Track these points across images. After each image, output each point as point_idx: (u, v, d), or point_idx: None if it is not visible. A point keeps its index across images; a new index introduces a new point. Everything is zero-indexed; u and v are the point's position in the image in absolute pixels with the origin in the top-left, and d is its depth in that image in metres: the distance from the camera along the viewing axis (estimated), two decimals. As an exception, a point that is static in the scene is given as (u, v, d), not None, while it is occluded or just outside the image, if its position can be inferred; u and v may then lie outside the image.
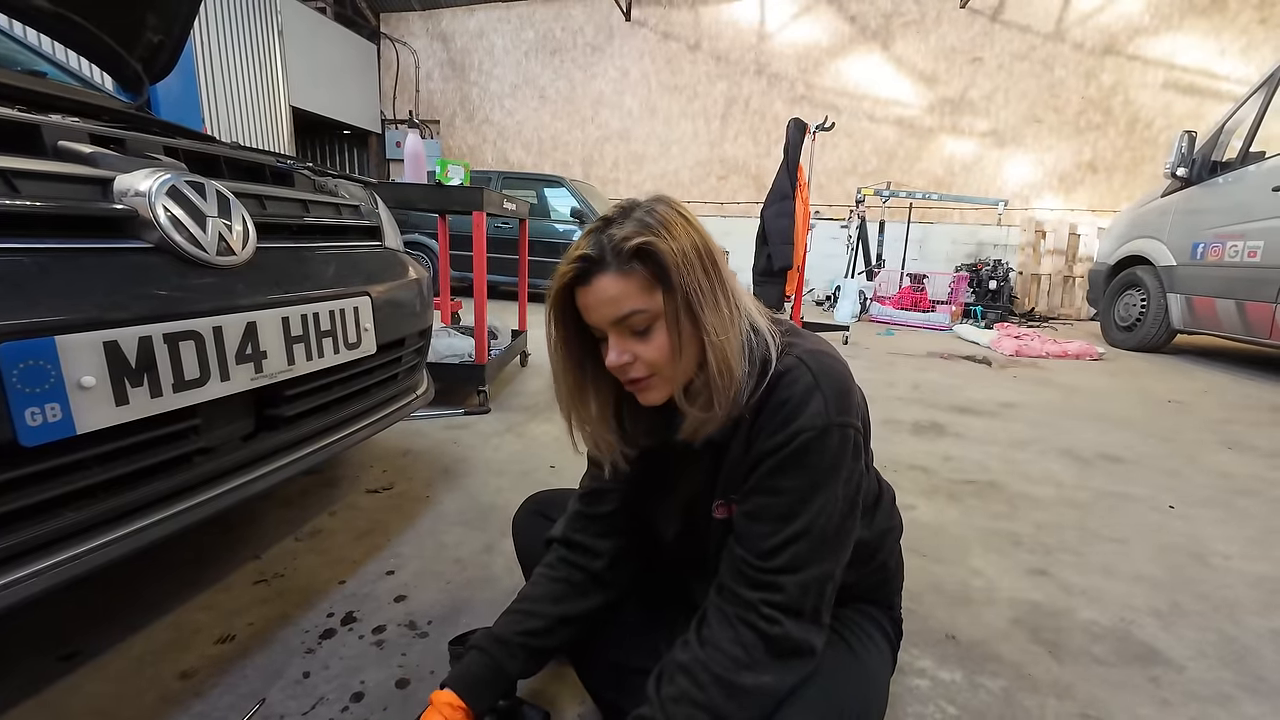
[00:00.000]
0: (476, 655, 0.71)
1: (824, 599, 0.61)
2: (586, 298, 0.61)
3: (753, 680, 0.57)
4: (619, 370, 0.62)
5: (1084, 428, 2.40)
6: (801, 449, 0.59)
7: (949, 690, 0.92)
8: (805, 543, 0.59)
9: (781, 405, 0.60)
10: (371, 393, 1.17)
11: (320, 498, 1.48)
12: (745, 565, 0.60)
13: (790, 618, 0.58)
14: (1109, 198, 6.67)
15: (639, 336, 0.61)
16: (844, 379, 0.62)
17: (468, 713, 0.67)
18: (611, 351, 0.61)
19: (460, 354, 2.32)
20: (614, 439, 0.69)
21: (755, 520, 0.61)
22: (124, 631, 0.97)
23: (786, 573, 0.59)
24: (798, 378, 0.61)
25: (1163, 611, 1.15)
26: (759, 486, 0.61)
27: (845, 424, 0.60)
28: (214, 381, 0.78)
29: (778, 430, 0.60)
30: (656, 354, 0.60)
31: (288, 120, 6.46)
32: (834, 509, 0.60)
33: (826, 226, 6.87)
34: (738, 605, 0.60)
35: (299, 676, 0.89)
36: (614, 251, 0.58)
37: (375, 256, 1.21)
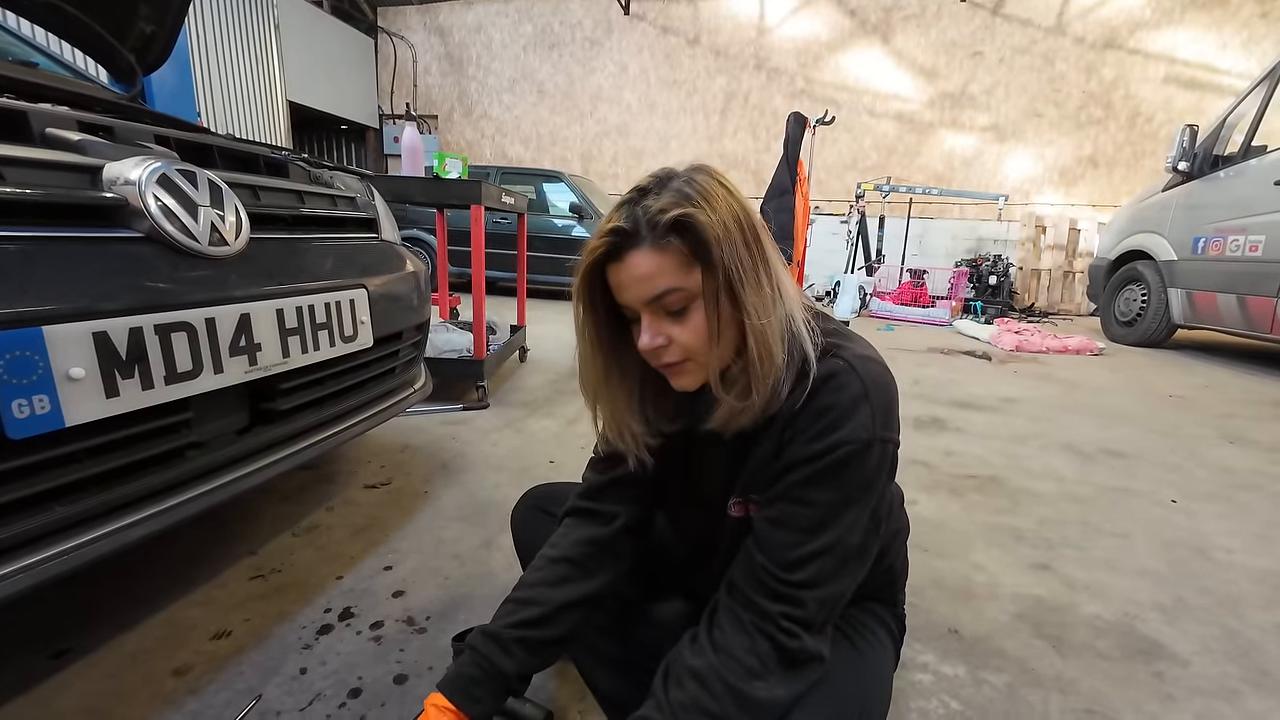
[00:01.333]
0: (468, 655, 0.66)
1: (836, 612, 0.60)
2: (618, 275, 0.57)
3: (766, 693, 0.55)
4: (651, 354, 0.59)
5: (1085, 423, 2.39)
6: (841, 461, 0.55)
7: (952, 685, 0.91)
8: (830, 558, 0.56)
9: (826, 410, 0.56)
10: (368, 387, 1.16)
11: (317, 493, 1.47)
12: (766, 574, 0.57)
13: (807, 631, 0.56)
14: (1109, 192, 6.65)
15: (674, 317, 0.57)
16: (892, 391, 0.58)
17: (461, 716, 0.62)
18: (644, 333, 0.57)
19: (459, 349, 2.31)
20: (639, 427, 0.66)
21: (780, 528, 0.58)
22: (116, 628, 0.96)
23: (809, 587, 0.56)
24: (846, 384, 0.56)
25: (1166, 606, 1.15)
26: (788, 494, 0.58)
27: (888, 439, 0.56)
28: (207, 374, 0.77)
29: (819, 437, 0.55)
30: (693, 337, 0.57)
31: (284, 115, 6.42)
32: (862, 526, 0.57)
33: (826, 222, 6.85)
34: (755, 614, 0.57)
35: (296, 673, 0.88)
36: (649, 224, 0.54)
37: (371, 249, 1.19)
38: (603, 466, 0.76)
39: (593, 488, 0.77)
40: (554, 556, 0.73)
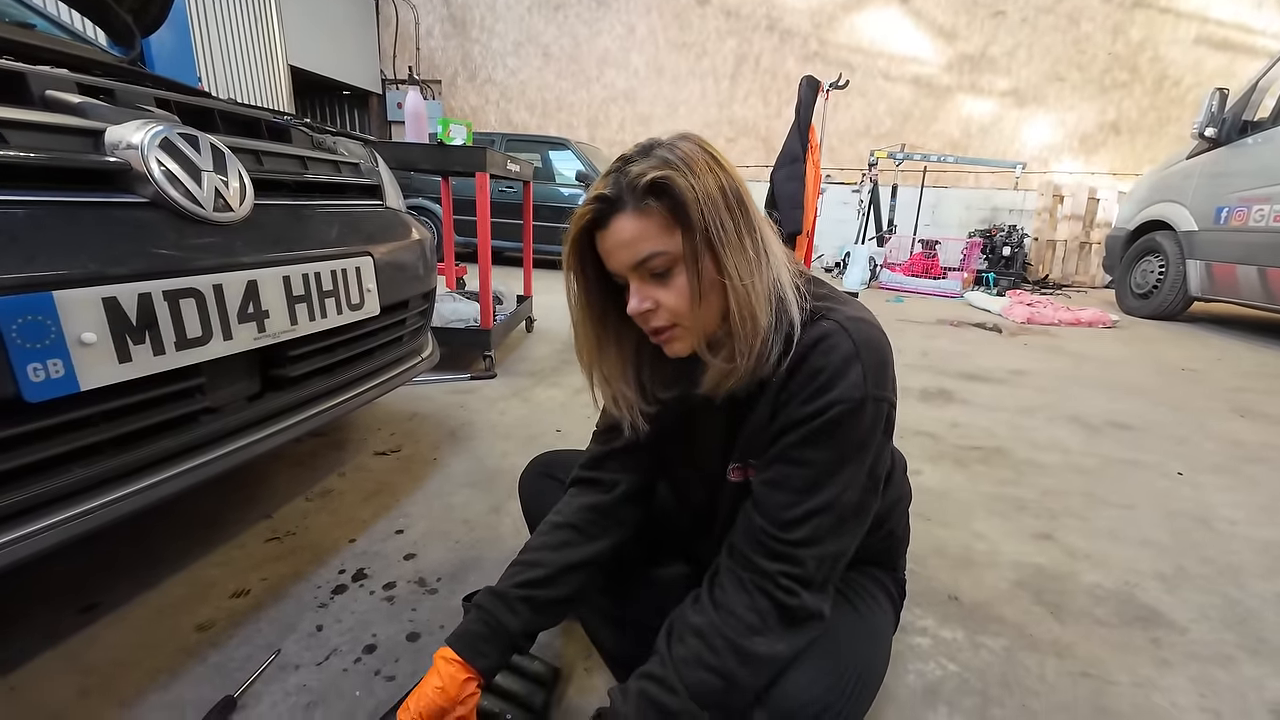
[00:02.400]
0: (475, 612, 0.69)
1: (837, 571, 0.61)
2: (605, 241, 0.58)
3: (766, 648, 0.56)
4: (641, 319, 0.60)
5: (1094, 395, 2.37)
6: (834, 421, 0.56)
7: (950, 648, 0.93)
8: (827, 517, 0.57)
9: (818, 372, 0.57)
10: (376, 355, 1.17)
11: (329, 459, 1.50)
12: (764, 535, 0.59)
13: (806, 589, 0.58)
14: (1131, 160, 6.45)
15: (659, 281, 0.58)
16: (884, 350, 0.59)
17: (468, 669, 0.65)
18: (632, 298, 0.59)
19: (465, 319, 2.31)
20: (633, 394, 0.68)
21: (777, 489, 0.59)
22: (140, 586, 0.99)
23: (806, 545, 0.57)
24: (837, 345, 0.57)
25: (1167, 575, 1.16)
26: (784, 455, 0.59)
27: (881, 398, 0.57)
28: (216, 340, 0.78)
29: (812, 399, 0.57)
30: (678, 300, 0.58)
31: (286, 79, 6.30)
32: (859, 484, 0.58)
33: (837, 191, 6.71)
34: (754, 573, 0.59)
35: (312, 629, 0.91)
36: (629, 189, 0.56)
37: (376, 216, 1.18)
38: (604, 438, 0.78)
39: (594, 458, 0.79)
40: (558, 522, 0.75)
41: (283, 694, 0.79)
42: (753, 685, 0.57)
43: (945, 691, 0.84)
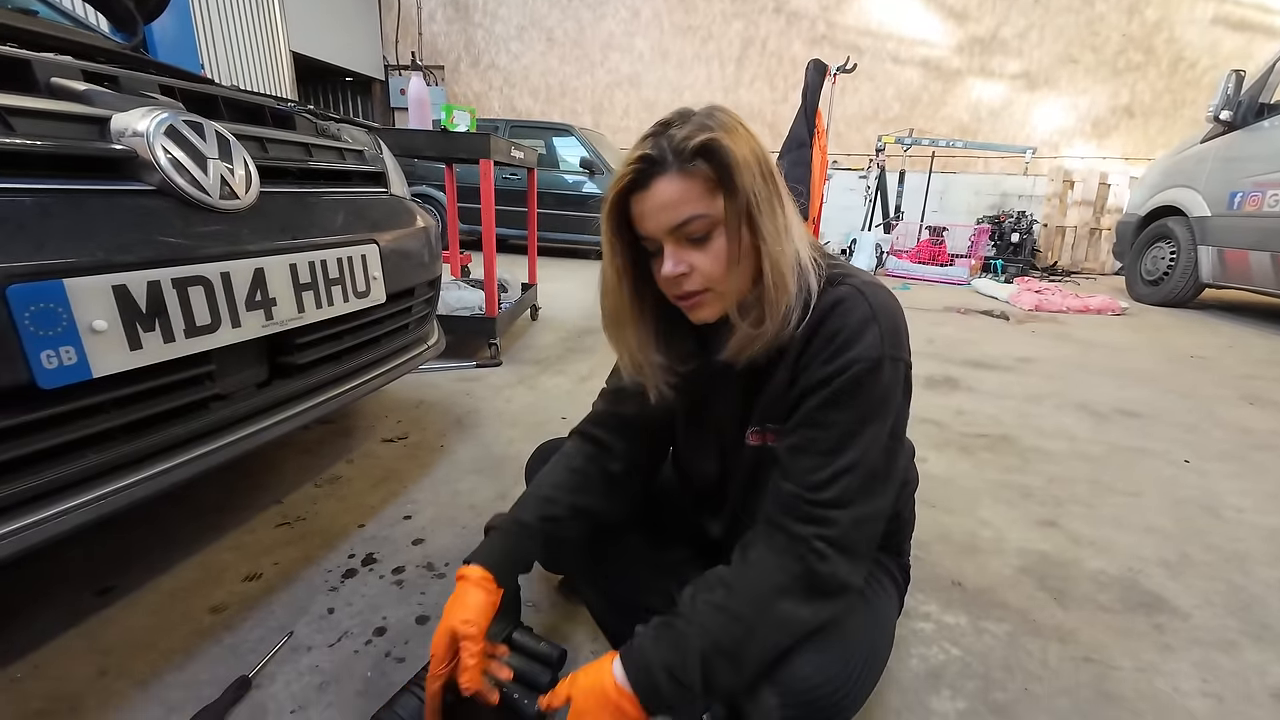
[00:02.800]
0: (499, 536, 0.72)
1: (873, 539, 0.62)
2: (643, 203, 0.58)
3: (790, 609, 0.57)
4: (672, 283, 0.60)
5: (1102, 383, 2.36)
6: (854, 380, 0.57)
7: (953, 633, 0.94)
8: (855, 476, 0.58)
9: (835, 334, 0.59)
10: (382, 342, 1.17)
11: (337, 446, 1.51)
12: (794, 499, 0.59)
13: (840, 554, 0.58)
14: (1144, 145, 6.35)
15: (695, 245, 0.59)
16: (899, 314, 0.61)
17: (495, 591, 0.68)
18: (667, 261, 0.59)
19: (470, 307, 2.31)
20: (660, 359, 0.67)
21: (803, 453, 0.60)
22: (154, 570, 1.01)
23: (838, 507, 0.58)
24: (853, 308, 0.59)
25: (1171, 562, 1.16)
26: (807, 419, 0.60)
27: (898, 358, 0.59)
28: (225, 328, 0.78)
29: (831, 359, 0.58)
30: (714, 264, 0.58)
31: (288, 65, 6.26)
32: (882, 443, 0.60)
33: (844, 177, 6.65)
34: (787, 536, 0.60)
35: (323, 612, 0.93)
36: (675, 151, 0.56)
37: (381, 203, 1.18)
38: (612, 398, 0.80)
39: (599, 415, 0.81)
40: (571, 466, 0.78)
41: (296, 674, 0.81)
42: (769, 642, 0.57)
43: (948, 675, 0.85)
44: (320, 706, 0.76)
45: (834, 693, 0.57)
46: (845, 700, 0.58)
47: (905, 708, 0.79)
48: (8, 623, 0.87)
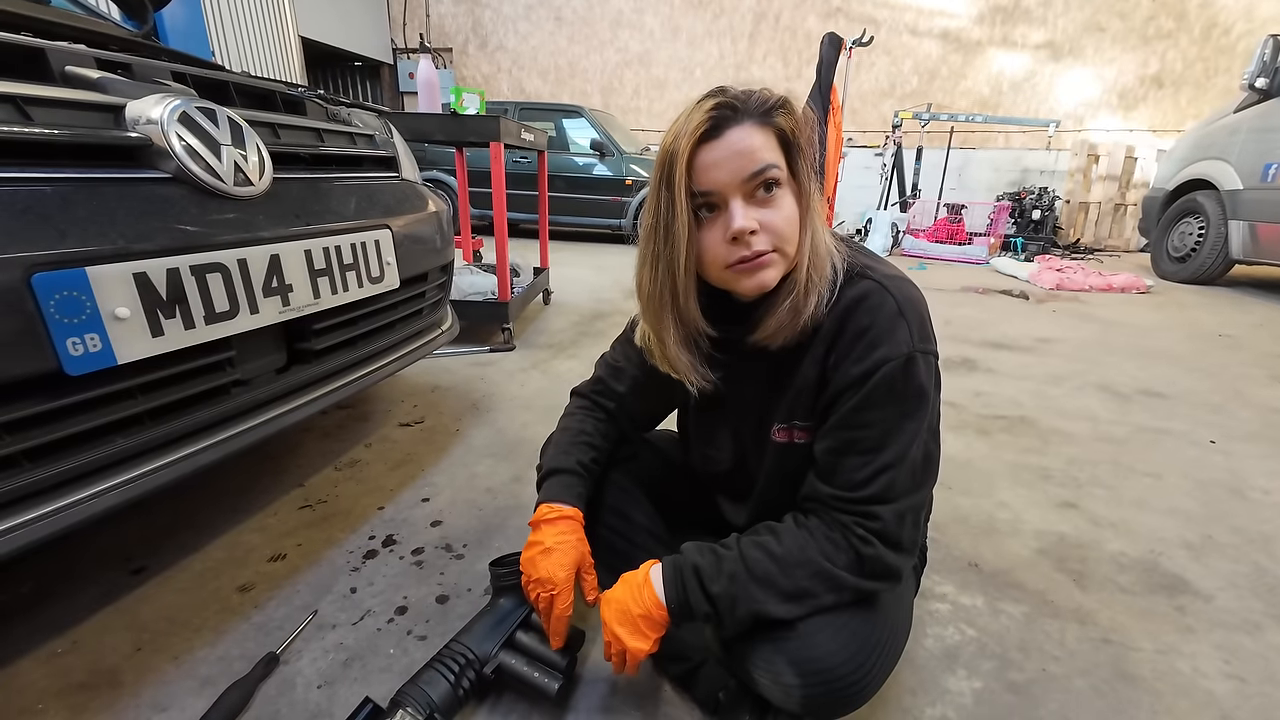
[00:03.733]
0: (577, 479, 0.76)
1: (918, 529, 0.63)
2: (714, 152, 0.56)
3: (830, 568, 0.59)
4: (738, 243, 0.58)
5: (1124, 363, 2.31)
6: (887, 378, 0.58)
7: (969, 614, 0.94)
8: (897, 472, 0.59)
9: (864, 332, 0.59)
10: (397, 328, 1.18)
11: (356, 430, 1.53)
12: (834, 500, 0.61)
13: (884, 543, 0.59)
14: (1174, 116, 6.13)
15: (765, 200, 0.58)
16: (924, 306, 0.62)
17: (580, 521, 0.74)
18: (736, 216, 0.57)
19: (483, 292, 2.32)
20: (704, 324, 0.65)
21: (843, 454, 0.61)
22: (184, 551, 1.04)
23: (880, 502, 0.59)
24: (880, 304, 0.59)
25: (1194, 544, 1.14)
26: (846, 420, 0.60)
27: (928, 351, 0.60)
28: (244, 314, 0.79)
29: (861, 359, 0.59)
30: (783, 222, 0.58)
31: (298, 51, 6.24)
32: (921, 437, 0.60)
33: (859, 155, 6.52)
34: (831, 518, 0.61)
35: (346, 591, 0.95)
36: (758, 102, 0.57)
37: (393, 188, 1.18)
38: (611, 372, 0.84)
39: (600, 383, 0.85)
40: (596, 417, 0.84)
41: (321, 651, 0.83)
42: (802, 585, 0.59)
43: (964, 655, 0.85)
44: (346, 682, 0.78)
45: (853, 672, 0.58)
46: (865, 680, 0.58)
47: (920, 687, 0.80)
48: (49, 601, 0.91)
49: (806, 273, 0.60)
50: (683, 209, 0.58)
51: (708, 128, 0.56)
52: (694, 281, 0.63)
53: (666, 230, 0.60)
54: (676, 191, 0.57)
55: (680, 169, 0.57)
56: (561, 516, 0.73)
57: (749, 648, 0.62)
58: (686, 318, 0.64)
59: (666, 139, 0.58)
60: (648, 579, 0.64)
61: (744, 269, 0.59)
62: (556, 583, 0.68)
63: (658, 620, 0.62)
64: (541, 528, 0.73)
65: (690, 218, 0.59)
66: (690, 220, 0.59)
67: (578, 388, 0.90)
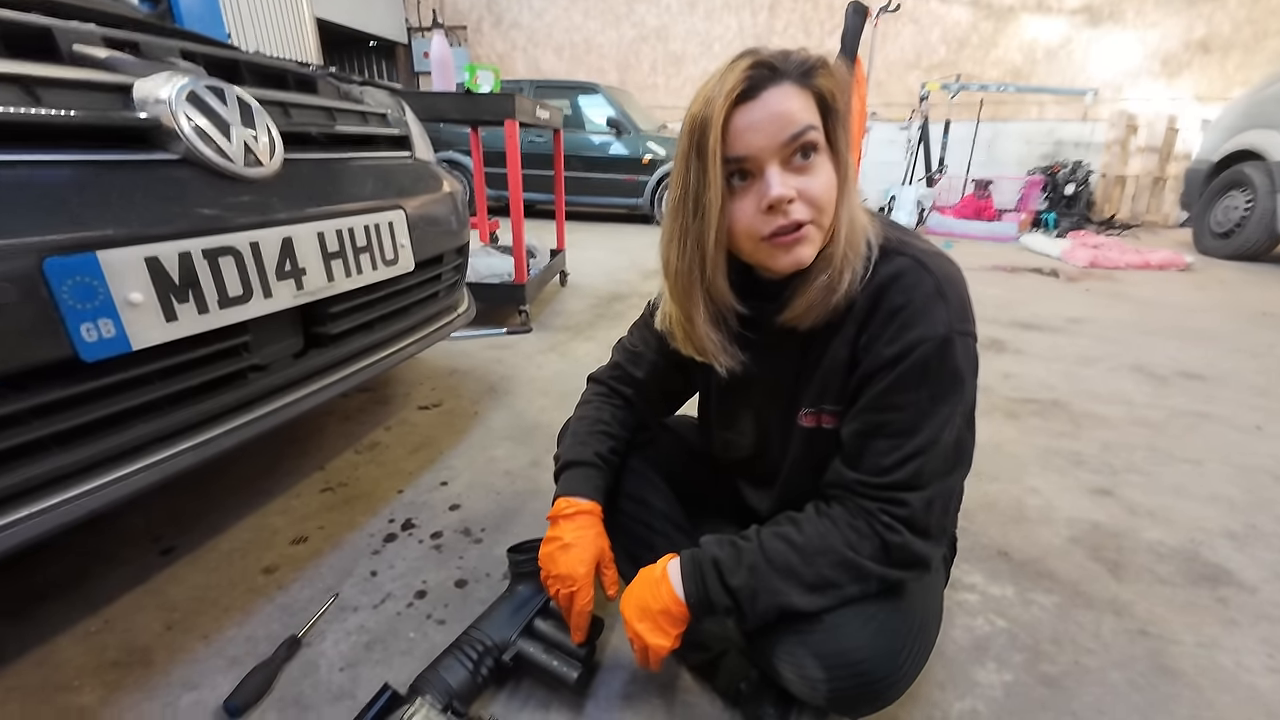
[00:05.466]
0: (592, 471, 0.75)
1: (947, 516, 0.61)
2: (750, 114, 0.53)
3: (855, 558, 0.57)
4: (774, 213, 0.54)
5: (1162, 343, 2.22)
6: (922, 361, 0.55)
7: (999, 604, 0.91)
8: (928, 458, 0.56)
9: (898, 311, 0.56)
10: (413, 311, 1.17)
11: (376, 414, 1.54)
12: (860, 485, 0.58)
13: (911, 531, 0.57)
14: (1220, 83, 5.80)
15: (802, 167, 0.54)
16: (964, 285, 0.58)
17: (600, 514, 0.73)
18: (772, 184, 0.53)
19: (500, 274, 2.30)
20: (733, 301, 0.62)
21: (871, 438, 0.58)
22: (210, 532, 1.05)
23: (908, 489, 0.56)
24: (918, 282, 0.56)
25: (1237, 533, 1.09)
26: (876, 403, 0.58)
27: (966, 332, 0.57)
28: (258, 298, 0.78)
29: (894, 340, 0.56)
30: (822, 190, 0.55)
31: (312, 32, 6.22)
32: (955, 423, 0.57)
33: (883, 129, 6.31)
34: (855, 504, 0.59)
35: (367, 575, 0.96)
36: (798, 63, 0.53)
37: (407, 168, 1.16)
38: (631, 358, 0.82)
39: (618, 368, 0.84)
40: (614, 404, 0.82)
41: (344, 633, 0.84)
42: (826, 576, 0.57)
43: (994, 647, 0.83)
44: (368, 665, 0.79)
45: (883, 666, 0.56)
46: (896, 674, 0.57)
47: (949, 680, 0.78)
48: (82, 581, 0.93)
49: (843, 248, 0.57)
50: (716, 178, 0.54)
51: (744, 88, 0.52)
52: (724, 256, 0.60)
53: (696, 202, 0.56)
54: (710, 159, 0.54)
55: (715, 134, 0.53)
56: (580, 511, 0.71)
57: (772, 640, 0.60)
58: (717, 294, 0.62)
59: (695, 105, 0.55)
60: (665, 574, 0.63)
61: (780, 243, 0.56)
62: (576, 579, 0.67)
63: (677, 616, 0.61)
64: (560, 523, 0.71)
65: (723, 186, 0.55)
66: (723, 189, 0.55)
67: (595, 374, 0.88)
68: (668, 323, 0.70)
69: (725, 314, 0.64)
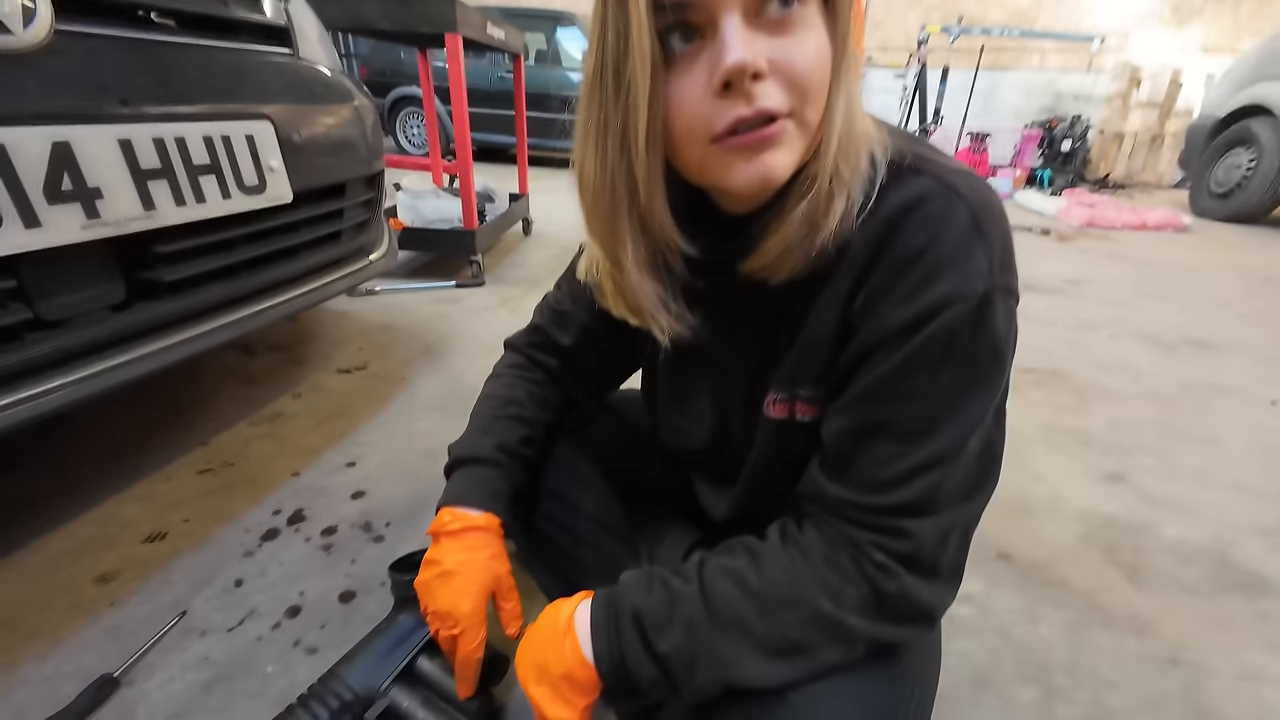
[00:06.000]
0: (496, 472, 0.58)
1: (965, 551, 0.42)
2: None
3: (832, 609, 0.39)
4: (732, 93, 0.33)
5: (1165, 308, 2.07)
6: (948, 330, 0.36)
7: (1002, 621, 0.76)
8: (946, 471, 0.37)
9: (918, 255, 0.36)
10: (300, 254, 0.94)
11: (285, 378, 1.32)
12: (851, 508, 0.40)
13: (914, 573, 0.38)
14: (1231, 33, 5.53)
15: (778, 25, 0.33)
16: (1006, 219, 0.38)
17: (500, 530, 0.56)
18: (732, 42, 0.32)
19: (449, 219, 2.05)
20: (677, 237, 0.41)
21: (869, 440, 0.39)
22: (43, 525, 0.85)
23: (915, 514, 0.38)
24: (946, 212, 0.36)
25: (1269, 529, 0.95)
26: (877, 391, 0.38)
27: (1010, 289, 0.37)
28: (10, 228, 0.55)
29: (912, 296, 0.36)
30: (809, 62, 0.34)
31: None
32: (985, 420, 0.39)
33: (878, 76, 5.95)
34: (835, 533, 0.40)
35: (230, 585, 0.77)
36: None
37: (281, 68, 0.90)
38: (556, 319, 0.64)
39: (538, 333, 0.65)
40: (531, 379, 0.64)
41: (180, 668, 0.65)
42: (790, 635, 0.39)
43: (997, 680, 0.68)
44: (203, 714, 0.61)
45: None
46: None
47: (943, 728, 0.62)
48: None
49: (833, 160, 0.36)
50: (643, 33, 0.33)
51: None
52: (661, 164, 0.38)
53: (617, 77, 0.35)
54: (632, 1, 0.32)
55: None
56: (469, 527, 0.54)
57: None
58: (653, 224, 0.40)
59: None
60: (571, 624, 0.44)
61: (740, 144, 0.35)
62: (458, 619, 0.50)
63: (585, 683, 0.43)
64: (442, 542, 0.53)
65: (656, 49, 0.34)
66: (655, 54, 0.34)
67: (511, 339, 0.69)
68: (594, 271, 0.50)
69: (667, 255, 0.43)
